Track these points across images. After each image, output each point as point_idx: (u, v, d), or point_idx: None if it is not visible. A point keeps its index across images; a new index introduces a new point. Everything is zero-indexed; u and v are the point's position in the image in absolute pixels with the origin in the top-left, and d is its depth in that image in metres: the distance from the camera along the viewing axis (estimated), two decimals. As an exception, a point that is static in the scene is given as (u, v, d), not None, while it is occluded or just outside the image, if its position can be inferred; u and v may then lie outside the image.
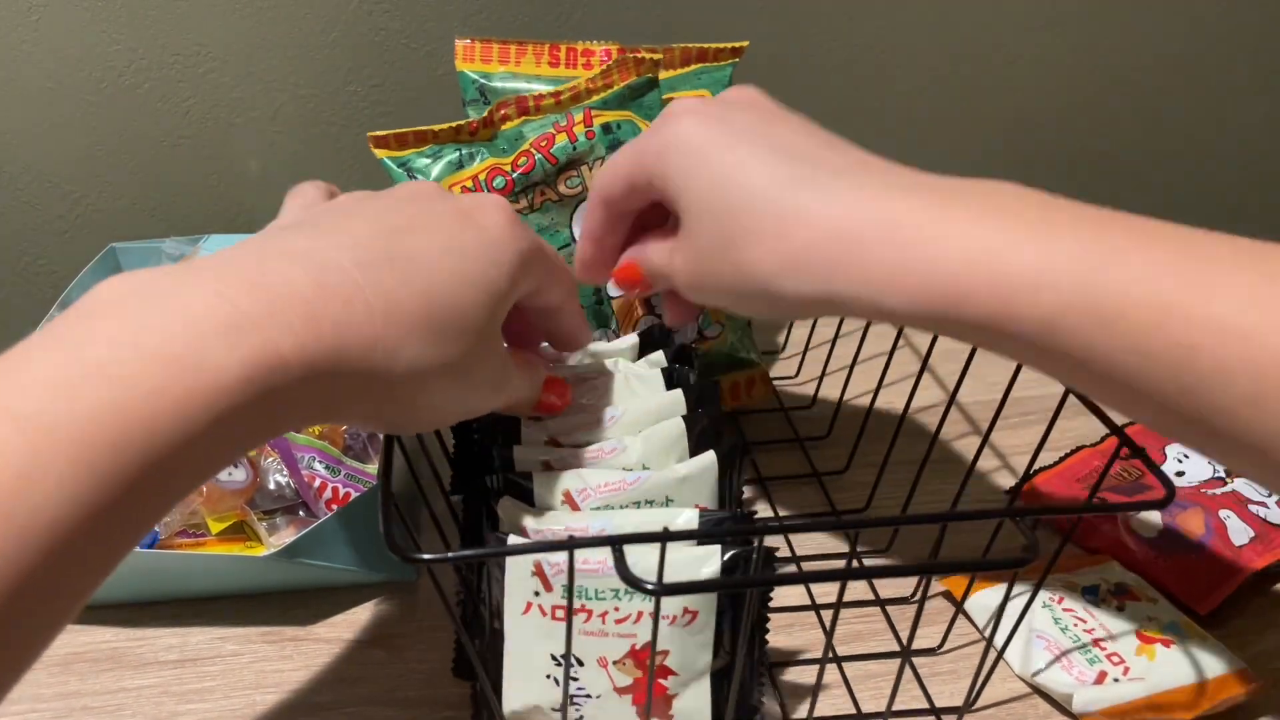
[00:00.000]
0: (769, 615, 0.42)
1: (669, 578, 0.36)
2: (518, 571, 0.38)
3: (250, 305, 0.28)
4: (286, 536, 0.52)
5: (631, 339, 0.49)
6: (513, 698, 0.40)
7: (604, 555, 0.36)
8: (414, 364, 0.32)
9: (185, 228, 0.77)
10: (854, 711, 0.45)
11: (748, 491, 0.59)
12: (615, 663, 0.40)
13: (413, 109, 0.78)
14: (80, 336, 0.27)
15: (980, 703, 0.46)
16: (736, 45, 0.62)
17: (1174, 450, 0.59)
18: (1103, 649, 0.46)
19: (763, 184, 0.36)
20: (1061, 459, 0.60)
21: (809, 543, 0.55)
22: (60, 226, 0.77)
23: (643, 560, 0.36)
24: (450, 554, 0.34)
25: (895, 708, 0.44)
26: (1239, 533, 0.53)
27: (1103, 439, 0.62)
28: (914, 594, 0.52)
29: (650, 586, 0.33)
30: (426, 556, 0.33)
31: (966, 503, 0.53)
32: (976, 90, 0.89)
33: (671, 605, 0.38)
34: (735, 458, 0.44)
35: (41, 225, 0.77)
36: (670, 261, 0.41)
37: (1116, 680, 0.44)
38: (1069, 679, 0.45)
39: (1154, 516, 0.54)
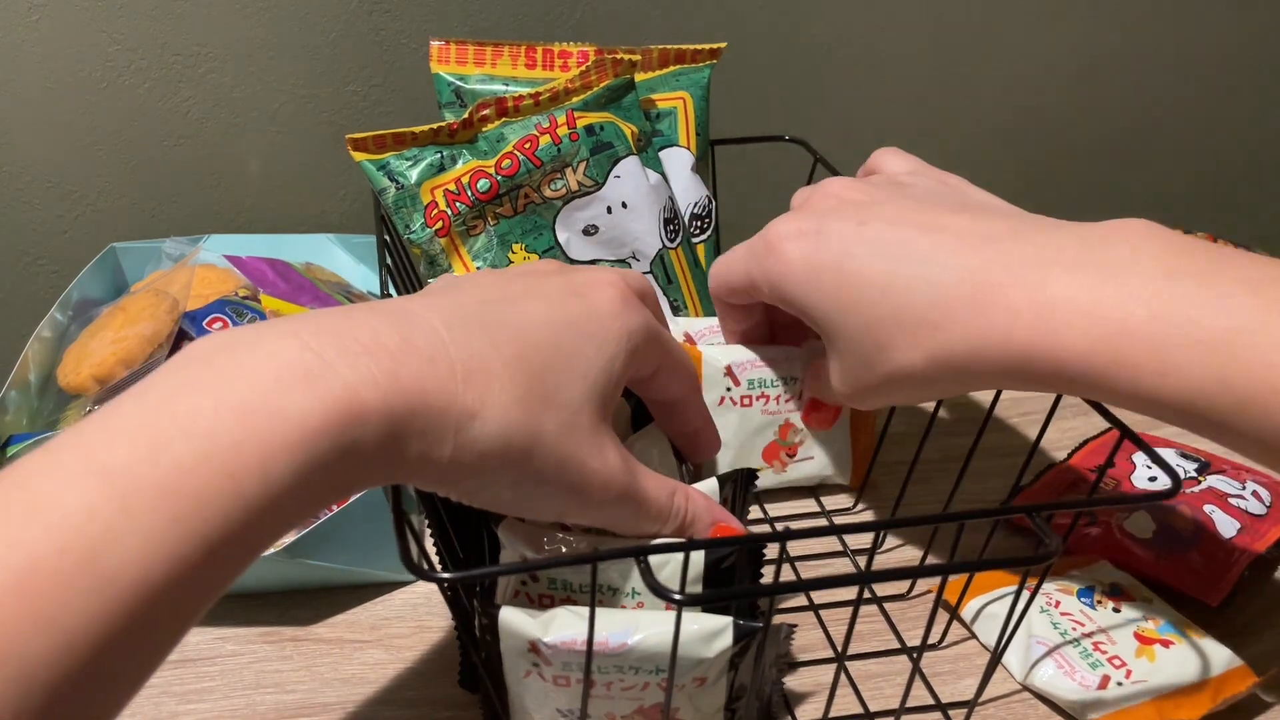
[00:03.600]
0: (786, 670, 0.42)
1: (683, 658, 0.36)
2: (513, 644, 0.37)
3: (334, 354, 0.28)
4: (286, 536, 0.53)
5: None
6: None
7: (604, 637, 0.36)
8: (486, 430, 0.31)
9: (185, 228, 0.78)
10: (862, 711, 0.45)
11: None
12: (624, 717, 0.39)
13: (413, 109, 0.78)
14: (168, 390, 0.27)
15: (980, 700, 0.46)
16: (715, 46, 0.61)
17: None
18: (1103, 653, 0.46)
19: (908, 283, 0.38)
20: (1048, 469, 0.59)
21: (804, 542, 0.55)
22: (60, 226, 0.77)
23: (654, 633, 0.36)
24: (465, 573, 0.34)
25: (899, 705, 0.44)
26: (1226, 526, 0.53)
27: (1081, 445, 0.61)
28: (909, 591, 0.52)
29: (677, 596, 0.33)
30: (446, 576, 0.33)
31: (961, 503, 0.53)
32: (961, 91, 0.89)
33: (681, 675, 0.38)
34: (740, 487, 0.44)
35: (41, 225, 0.77)
36: (837, 388, 0.44)
37: (1120, 684, 0.44)
38: (1073, 685, 0.45)
39: (1149, 517, 0.54)
